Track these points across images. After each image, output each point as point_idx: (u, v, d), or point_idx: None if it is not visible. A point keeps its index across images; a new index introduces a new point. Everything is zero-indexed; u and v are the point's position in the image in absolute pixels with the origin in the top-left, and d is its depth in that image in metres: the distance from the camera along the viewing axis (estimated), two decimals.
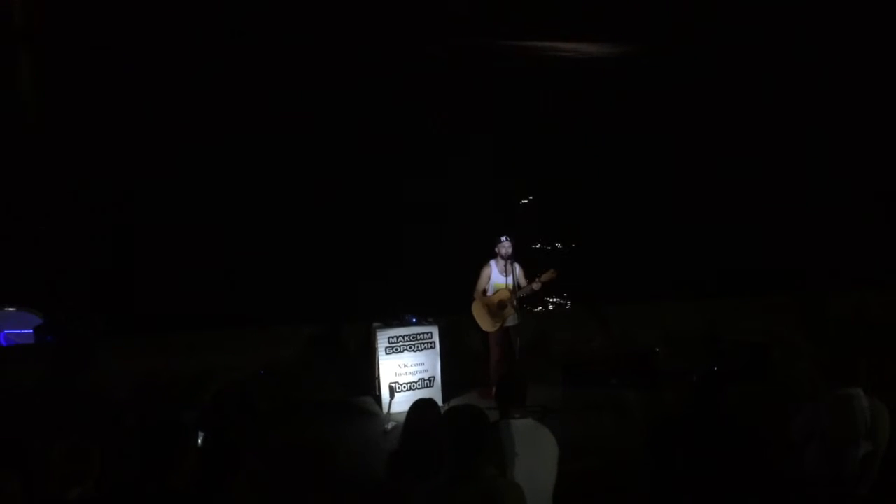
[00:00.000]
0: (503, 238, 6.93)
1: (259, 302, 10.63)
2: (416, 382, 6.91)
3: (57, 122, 22.58)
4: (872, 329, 8.05)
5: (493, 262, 6.99)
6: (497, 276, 6.95)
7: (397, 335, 6.88)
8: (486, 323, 7.00)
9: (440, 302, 7.74)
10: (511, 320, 6.94)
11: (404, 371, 6.86)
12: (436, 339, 7.00)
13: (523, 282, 6.91)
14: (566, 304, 11.42)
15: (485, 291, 7.02)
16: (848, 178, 17.89)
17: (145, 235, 13.67)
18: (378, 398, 6.88)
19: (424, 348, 6.95)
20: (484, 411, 3.10)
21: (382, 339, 6.83)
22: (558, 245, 14.87)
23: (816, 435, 4.03)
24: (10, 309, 8.08)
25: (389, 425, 6.31)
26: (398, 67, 36.35)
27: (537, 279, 6.74)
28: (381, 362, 6.81)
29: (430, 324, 7.04)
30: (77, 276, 11.25)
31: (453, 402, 6.65)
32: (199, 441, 3.95)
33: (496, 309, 6.91)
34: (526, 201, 17.23)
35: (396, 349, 6.86)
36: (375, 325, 7.00)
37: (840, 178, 17.89)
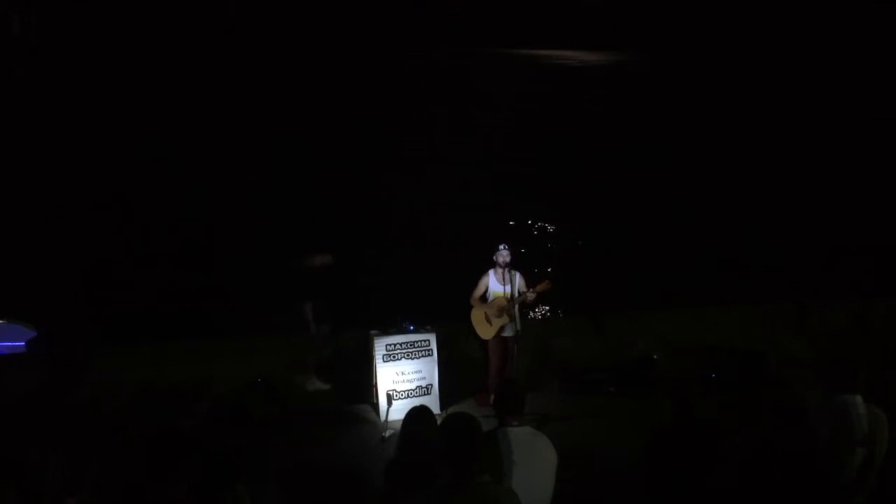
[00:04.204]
0: (501, 246, 6.93)
1: (256, 310, 10.61)
2: (413, 390, 6.88)
3: (46, 125, 22.57)
4: (871, 337, 8.05)
5: (490, 272, 6.98)
6: (495, 285, 6.94)
7: (395, 343, 6.85)
8: (483, 330, 7.00)
9: (438, 309, 7.73)
10: (509, 330, 6.89)
11: (402, 379, 6.83)
12: (433, 346, 6.97)
13: (524, 290, 6.90)
14: (559, 314, 11.42)
15: (484, 299, 7.02)
16: (848, 186, 17.95)
17: (141, 243, 13.66)
18: (375, 406, 6.86)
19: (422, 356, 6.93)
20: (479, 419, 3.10)
21: (380, 346, 6.80)
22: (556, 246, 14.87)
23: (815, 442, 4.01)
24: (0, 321, 8.01)
25: (387, 433, 6.29)
26: (399, 76, 36.50)
27: (531, 289, 6.76)
28: (378, 370, 6.78)
29: (427, 331, 7.02)
30: (72, 285, 11.21)
31: (451, 410, 6.63)
32: None
33: (493, 316, 6.90)
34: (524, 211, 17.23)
35: (394, 357, 6.83)
36: (373, 332, 6.98)
37: (840, 186, 17.95)
